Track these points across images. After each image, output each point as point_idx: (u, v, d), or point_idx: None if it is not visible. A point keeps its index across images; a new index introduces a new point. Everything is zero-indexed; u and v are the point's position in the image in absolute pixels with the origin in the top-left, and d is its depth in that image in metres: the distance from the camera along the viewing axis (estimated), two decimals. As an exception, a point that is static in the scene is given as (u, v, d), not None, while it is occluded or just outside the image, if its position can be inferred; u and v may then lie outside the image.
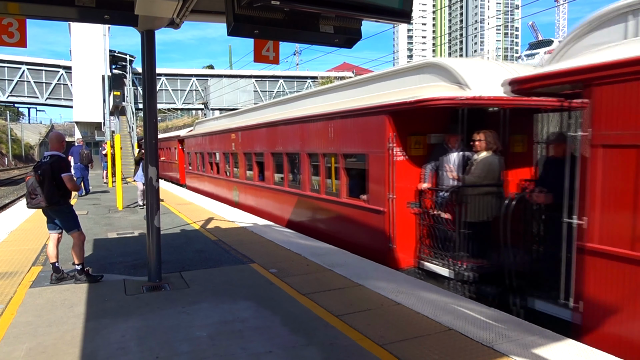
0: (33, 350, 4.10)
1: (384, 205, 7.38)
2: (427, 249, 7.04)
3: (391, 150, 7.17)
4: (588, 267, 4.67)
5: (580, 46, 4.88)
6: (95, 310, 5.09)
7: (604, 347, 4.22)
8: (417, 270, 7.17)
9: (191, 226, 10.58)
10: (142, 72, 6.07)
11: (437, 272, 6.75)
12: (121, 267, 7.01)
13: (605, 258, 4.50)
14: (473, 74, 6.44)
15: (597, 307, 4.62)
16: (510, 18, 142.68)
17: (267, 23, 3.62)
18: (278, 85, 47.65)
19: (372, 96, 7.87)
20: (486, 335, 4.38)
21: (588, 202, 4.63)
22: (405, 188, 7.21)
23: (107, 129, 23.14)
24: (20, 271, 6.68)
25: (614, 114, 4.41)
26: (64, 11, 4.78)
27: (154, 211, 6.10)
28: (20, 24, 5.32)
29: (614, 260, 4.43)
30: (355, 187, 8.48)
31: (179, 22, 5.31)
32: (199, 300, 5.45)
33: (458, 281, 6.42)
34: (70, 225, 6.14)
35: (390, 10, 3.40)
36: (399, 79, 7.53)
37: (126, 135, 35.66)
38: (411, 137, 7.26)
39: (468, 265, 6.35)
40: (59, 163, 6.00)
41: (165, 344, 4.24)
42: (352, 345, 4.18)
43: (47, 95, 40.24)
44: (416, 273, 7.13)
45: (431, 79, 6.85)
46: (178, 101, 46.39)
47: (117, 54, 38.11)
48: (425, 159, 7.28)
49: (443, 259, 6.70)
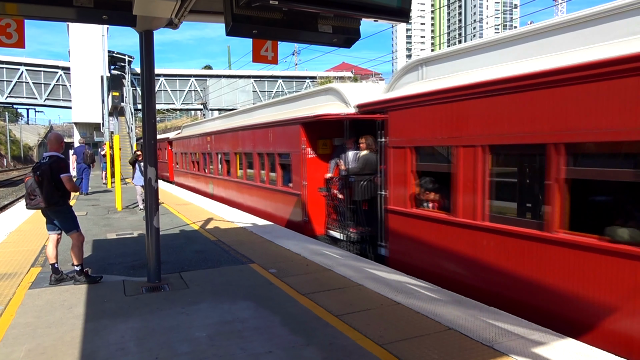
0: (32, 351, 4.09)
1: (300, 190, 10.16)
2: (331, 221, 9.59)
3: (304, 150, 9.95)
4: (389, 220, 7.60)
5: (400, 82, 7.61)
6: (94, 311, 5.09)
7: (400, 267, 6.93)
8: (326, 237, 9.70)
9: (190, 227, 10.58)
10: (141, 72, 6.06)
11: (336, 237, 9.25)
12: (120, 268, 7.00)
13: (396, 214, 7.42)
14: (355, 95, 8.71)
15: (394, 243, 7.55)
16: (509, 17, 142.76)
17: (265, 23, 3.62)
18: (277, 86, 47.61)
19: (295, 110, 10.74)
20: (486, 334, 4.38)
21: (387, 181, 7.58)
22: (315, 177, 9.91)
23: (106, 129, 23.10)
24: (20, 272, 6.67)
25: (396, 128, 7.35)
26: (62, 12, 4.77)
27: (153, 212, 6.09)
28: (18, 25, 5.31)
29: (399, 215, 7.33)
30: (285, 178, 11.35)
31: (178, 22, 5.30)
32: (199, 300, 5.44)
33: (348, 242, 8.86)
34: (69, 226, 6.13)
35: (389, 9, 3.40)
36: (313, 98, 10.26)
37: (125, 135, 35.59)
38: (319, 140, 10.01)
39: (354, 231, 8.76)
40: (58, 164, 5.99)
41: (164, 344, 4.23)
42: (351, 345, 4.18)
43: (46, 96, 40.15)
44: (325, 239, 9.65)
45: (331, 99, 9.34)
46: (177, 102, 46.34)
47: (115, 55, 38.01)
48: (331, 157, 9.95)
49: (340, 228, 9.19)
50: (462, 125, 6.03)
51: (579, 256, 4.70)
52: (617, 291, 4.39)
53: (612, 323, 4.43)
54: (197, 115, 63.24)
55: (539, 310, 5.04)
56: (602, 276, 4.51)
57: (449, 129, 6.23)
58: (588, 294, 4.63)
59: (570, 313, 4.79)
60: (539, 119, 5.02)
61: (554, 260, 4.93)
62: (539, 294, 5.08)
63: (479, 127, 5.78)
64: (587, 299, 4.64)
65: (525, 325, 4.67)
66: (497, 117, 5.55)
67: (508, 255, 5.45)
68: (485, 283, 5.79)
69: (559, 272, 4.88)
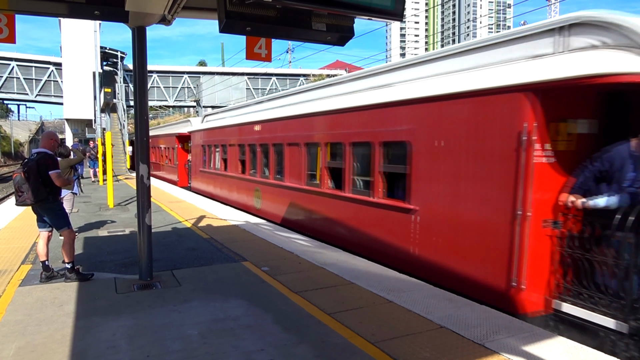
0: (22, 349, 4.06)
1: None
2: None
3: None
4: None
5: (207, 118, 16.37)
6: (85, 309, 5.05)
7: None
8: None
9: (183, 224, 10.53)
10: (133, 69, 6.02)
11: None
12: (112, 266, 6.96)
13: None
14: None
15: None
16: (502, 17, 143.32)
17: (259, 20, 3.61)
18: (271, 83, 47.47)
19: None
20: (477, 332, 4.40)
21: None
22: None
23: (98, 126, 22.92)
24: (10, 269, 6.61)
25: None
26: (54, 7, 4.71)
27: (144, 209, 6.06)
28: (9, 20, 5.26)
29: None
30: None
31: (171, 18, 5.27)
32: (191, 298, 5.42)
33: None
34: (60, 223, 6.08)
35: (383, 7, 3.40)
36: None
37: (117, 132, 35.39)
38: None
39: None
40: (45, 160, 5.93)
41: (156, 342, 4.21)
42: (343, 343, 4.18)
43: (37, 91, 39.76)
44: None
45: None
46: (170, 98, 46.06)
47: (108, 51, 37.69)
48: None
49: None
50: None
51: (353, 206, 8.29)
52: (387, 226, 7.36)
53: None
54: (189, 113, 62.91)
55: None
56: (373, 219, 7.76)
57: None
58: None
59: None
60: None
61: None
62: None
63: None
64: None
65: (517, 323, 4.71)
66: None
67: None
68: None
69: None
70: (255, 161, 12.81)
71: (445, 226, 6.23)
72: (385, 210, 7.41)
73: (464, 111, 5.92)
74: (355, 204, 8.18)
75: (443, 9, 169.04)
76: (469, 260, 5.83)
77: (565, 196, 5.13)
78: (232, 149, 14.82)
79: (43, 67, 39.67)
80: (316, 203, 9.54)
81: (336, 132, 8.85)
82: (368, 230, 7.86)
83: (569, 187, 5.17)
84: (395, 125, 7.18)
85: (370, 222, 7.82)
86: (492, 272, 5.52)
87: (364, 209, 7.97)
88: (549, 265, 5.24)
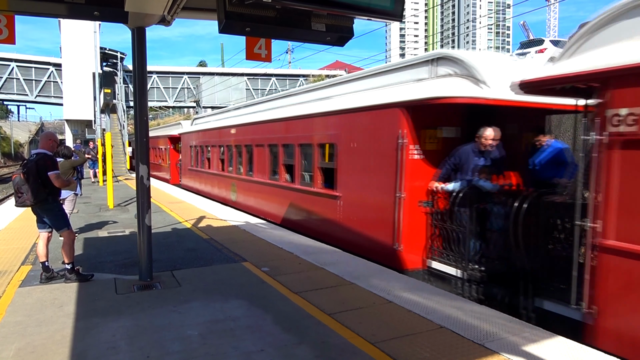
0: (22, 350, 4.06)
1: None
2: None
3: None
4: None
5: (196, 121, 18.36)
6: (85, 310, 5.05)
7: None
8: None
9: (183, 225, 10.54)
10: (133, 69, 6.01)
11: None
12: (112, 266, 6.96)
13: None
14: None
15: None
16: (501, 17, 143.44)
17: (258, 20, 3.60)
18: (270, 84, 47.50)
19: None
20: (476, 333, 4.40)
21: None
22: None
23: (98, 126, 22.91)
24: (10, 270, 6.61)
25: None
26: (53, 7, 4.71)
27: (144, 210, 6.06)
28: (8, 20, 5.25)
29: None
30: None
31: (170, 19, 5.27)
32: (191, 299, 5.42)
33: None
34: (59, 224, 6.08)
35: (382, 8, 3.40)
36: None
37: (117, 133, 35.39)
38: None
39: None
40: (45, 161, 5.93)
41: (156, 343, 4.21)
42: (343, 344, 4.18)
43: (37, 92, 39.81)
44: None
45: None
46: (170, 99, 46.10)
47: (107, 51, 37.75)
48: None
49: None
50: None
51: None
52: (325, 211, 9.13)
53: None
54: (189, 113, 62.94)
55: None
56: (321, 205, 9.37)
57: None
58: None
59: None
60: None
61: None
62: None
63: None
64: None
65: (517, 323, 4.71)
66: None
67: None
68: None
69: None
70: (232, 160, 15.03)
71: (357, 207, 8.32)
72: (322, 198, 9.45)
73: (367, 120, 8.02)
74: (303, 194, 10.32)
75: (442, 10, 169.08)
76: (372, 232, 7.84)
77: (432, 183, 7.05)
78: (214, 150, 16.95)
79: (43, 68, 39.73)
80: (276, 194, 11.70)
81: (289, 136, 10.98)
82: (311, 214, 9.94)
83: (437, 176, 7.06)
84: (328, 130, 9.26)
85: (313, 207, 9.89)
86: (385, 239, 7.47)
87: (308, 197, 10.07)
88: (425, 233, 7.13)
